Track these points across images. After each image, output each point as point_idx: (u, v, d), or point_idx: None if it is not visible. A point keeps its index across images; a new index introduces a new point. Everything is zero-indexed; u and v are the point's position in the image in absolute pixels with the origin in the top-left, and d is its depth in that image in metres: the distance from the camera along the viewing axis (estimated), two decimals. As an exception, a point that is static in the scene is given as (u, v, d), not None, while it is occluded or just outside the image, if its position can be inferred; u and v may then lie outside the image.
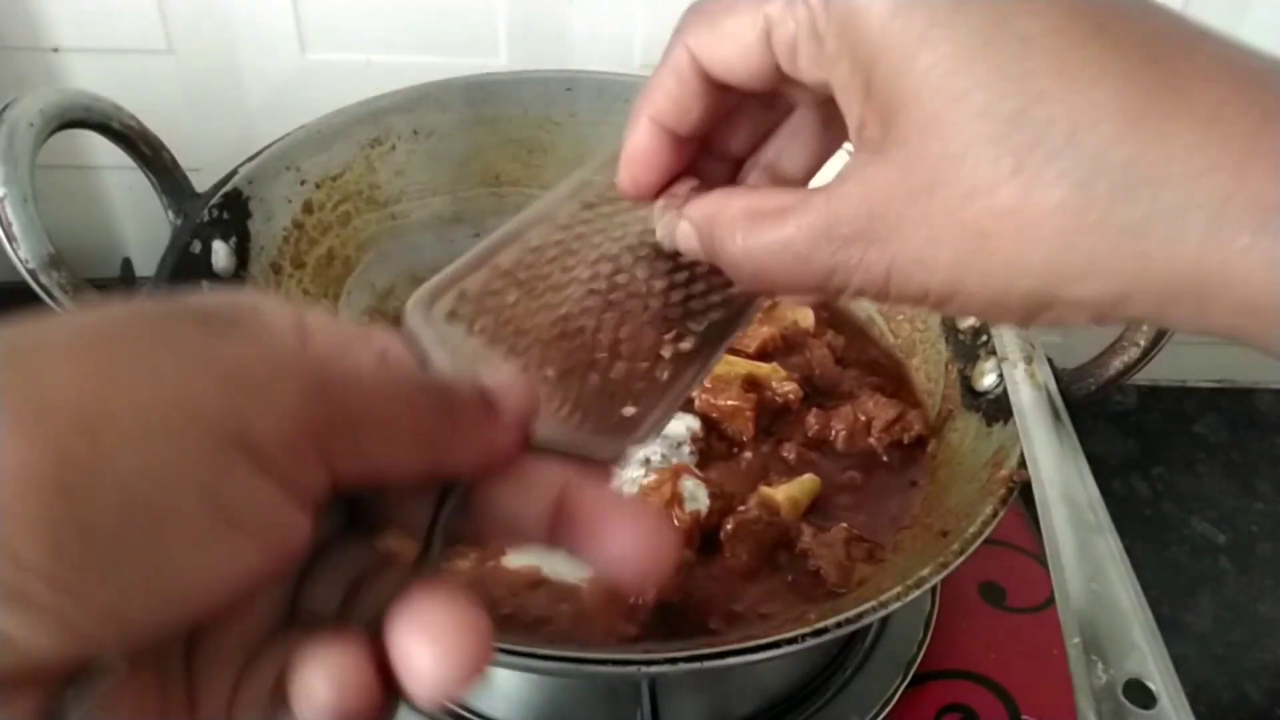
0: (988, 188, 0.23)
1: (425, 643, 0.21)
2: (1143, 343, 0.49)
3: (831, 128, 0.31)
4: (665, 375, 0.29)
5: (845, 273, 0.26)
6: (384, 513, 0.25)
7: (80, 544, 0.19)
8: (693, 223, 0.29)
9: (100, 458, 0.19)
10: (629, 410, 0.28)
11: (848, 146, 0.28)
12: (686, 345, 0.30)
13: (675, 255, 0.31)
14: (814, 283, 0.27)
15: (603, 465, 0.27)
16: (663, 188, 0.31)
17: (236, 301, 0.22)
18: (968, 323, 0.61)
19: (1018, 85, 0.23)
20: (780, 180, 0.32)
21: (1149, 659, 0.36)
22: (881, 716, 0.57)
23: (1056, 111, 0.23)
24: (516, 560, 0.52)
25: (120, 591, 0.19)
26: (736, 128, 0.32)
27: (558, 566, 0.51)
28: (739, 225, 0.28)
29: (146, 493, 0.19)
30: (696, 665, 0.41)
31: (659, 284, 0.31)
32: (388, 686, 0.22)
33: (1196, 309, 0.23)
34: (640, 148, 0.30)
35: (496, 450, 0.24)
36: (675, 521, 0.52)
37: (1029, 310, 0.25)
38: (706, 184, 0.31)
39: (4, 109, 0.49)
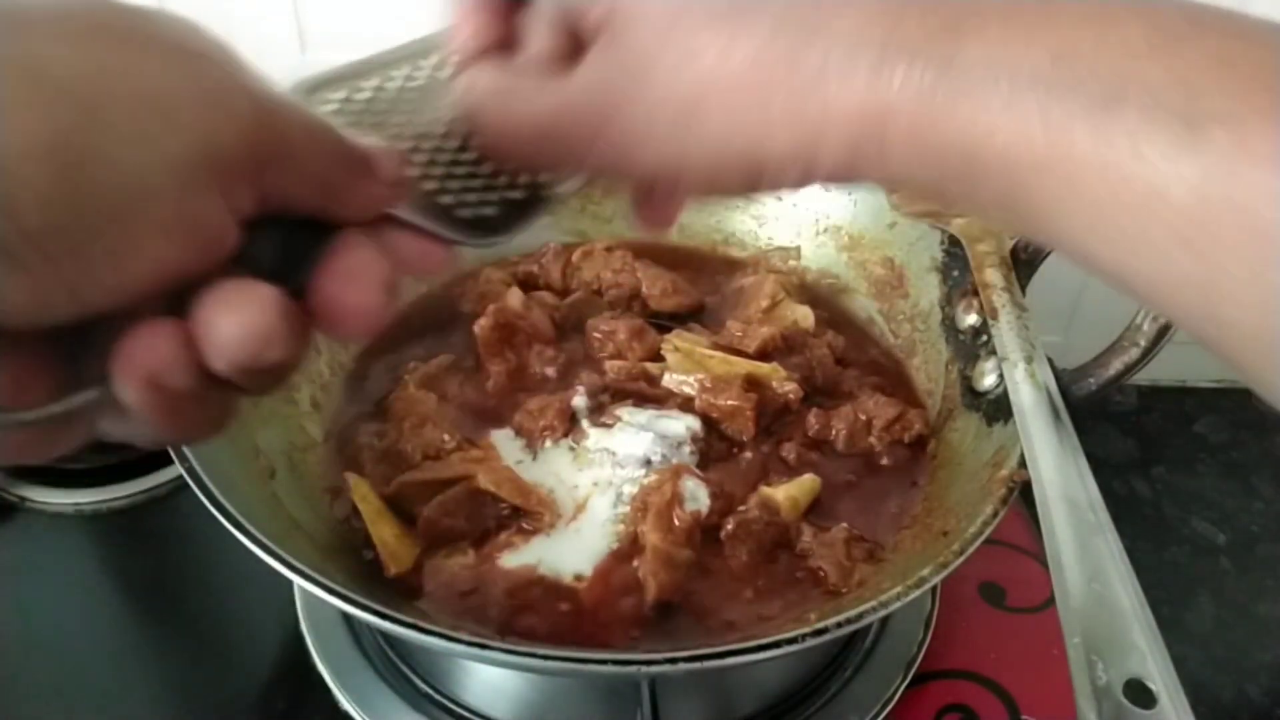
0: (692, 55, 0.27)
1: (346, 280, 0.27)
2: (1143, 343, 0.49)
3: None
4: (492, 212, 0.34)
5: (581, 151, 0.30)
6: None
7: (69, 218, 0.21)
8: (467, 90, 0.33)
9: (95, 143, 0.21)
10: (465, 212, 0.32)
11: None
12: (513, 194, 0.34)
13: None
14: (557, 160, 0.32)
15: (441, 245, 0.31)
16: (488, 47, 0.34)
17: (209, 38, 0.26)
18: (968, 322, 0.61)
19: None
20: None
21: (1149, 659, 0.36)
22: (881, 716, 0.57)
23: None
24: (512, 560, 0.52)
25: (85, 268, 0.22)
26: None
27: (555, 564, 0.52)
28: (497, 99, 0.32)
29: (130, 185, 0.22)
30: (696, 665, 0.41)
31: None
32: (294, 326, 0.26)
33: (878, 152, 0.27)
34: (461, 18, 0.34)
35: (374, 204, 0.29)
36: (676, 521, 0.52)
37: (746, 175, 0.29)
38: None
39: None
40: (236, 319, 0.24)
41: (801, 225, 0.75)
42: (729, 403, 0.59)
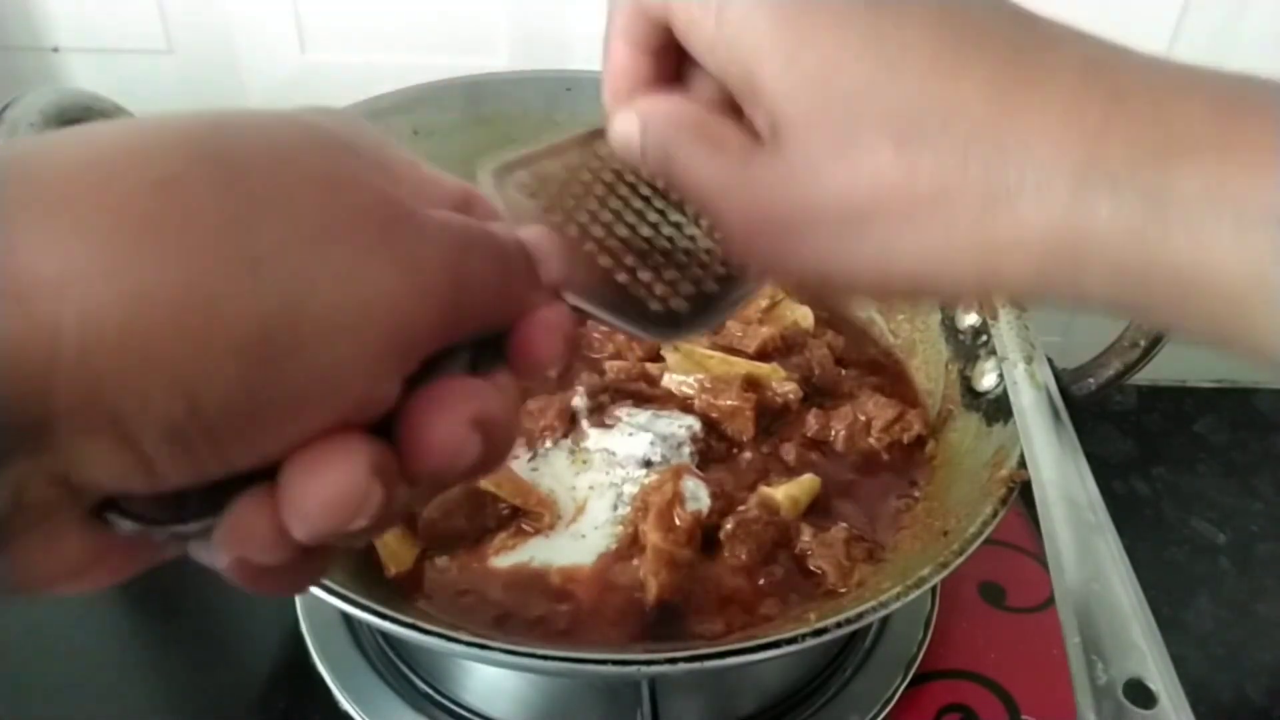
0: (871, 172, 0.25)
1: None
2: (1143, 343, 0.49)
3: None
4: (704, 290, 0.31)
5: (754, 255, 0.29)
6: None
7: (250, 411, 0.20)
8: (639, 116, 0.30)
9: (296, 339, 0.20)
10: (656, 306, 0.30)
11: None
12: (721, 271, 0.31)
13: None
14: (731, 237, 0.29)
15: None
16: None
17: (399, 201, 0.22)
18: (968, 322, 0.61)
19: (896, 84, 0.25)
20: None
21: (1149, 659, 0.36)
22: (881, 716, 0.57)
23: (931, 105, 0.25)
24: (512, 560, 0.52)
25: (249, 449, 0.21)
26: None
27: (547, 556, 0.52)
28: (684, 134, 0.29)
29: (322, 381, 0.21)
30: (696, 665, 0.41)
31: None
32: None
33: (1071, 279, 0.25)
34: (616, 63, 0.31)
35: (531, 308, 0.26)
36: (677, 521, 0.52)
37: (916, 290, 0.27)
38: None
39: (4, 109, 0.49)
40: (321, 484, 0.21)
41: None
42: (728, 403, 0.59)
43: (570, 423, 0.58)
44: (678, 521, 0.52)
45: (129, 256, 0.18)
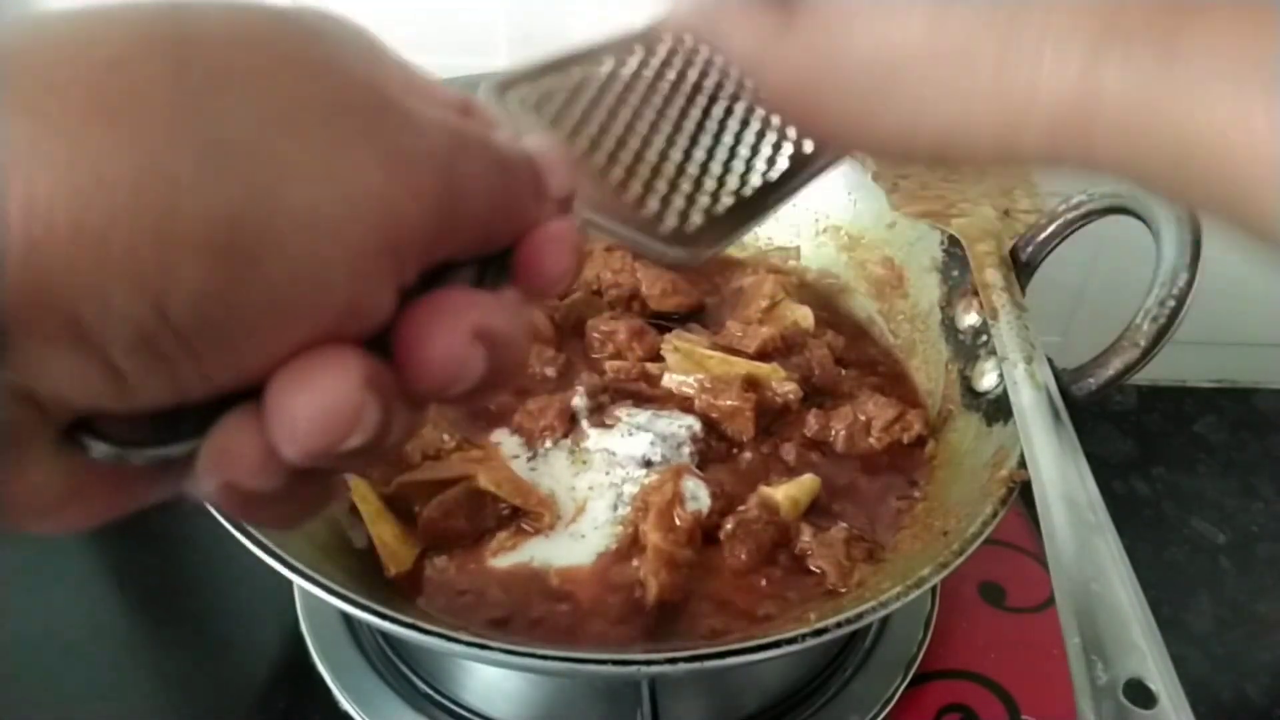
0: (900, 19, 0.27)
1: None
2: (1143, 343, 0.49)
3: None
4: (720, 207, 0.30)
5: (790, 115, 0.31)
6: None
7: (226, 314, 0.18)
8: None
9: (269, 232, 0.18)
10: (672, 222, 0.29)
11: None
12: (746, 188, 0.31)
13: (737, 105, 0.33)
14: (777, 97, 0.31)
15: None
16: None
17: (385, 91, 0.21)
18: (968, 322, 0.61)
19: None
20: None
21: (1149, 659, 0.36)
22: (881, 716, 0.57)
23: None
24: (512, 560, 0.52)
25: (230, 360, 0.19)
26: None
27: (547, 556, 0.52)
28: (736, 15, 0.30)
29: (300, 280, 0.19)
30: (696, 665, 0.41)
31: (719, 126, 0.32)
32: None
33: (1083, 138, 0.26)
34: None
35: (537, 223, 0.24)
36: (677, 521, 0.52)
37: (938, 147, 0.28)
38: None
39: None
40: (310, 398, 0.20)
41: (801, 225, 0.75)
42: (728, 403, 0.59)
43: (570, 423, 0.58)
44: (678, 521, 0.52)
45: (77, 142, 0.17)
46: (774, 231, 0.76)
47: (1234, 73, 0.23)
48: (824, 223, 0.74)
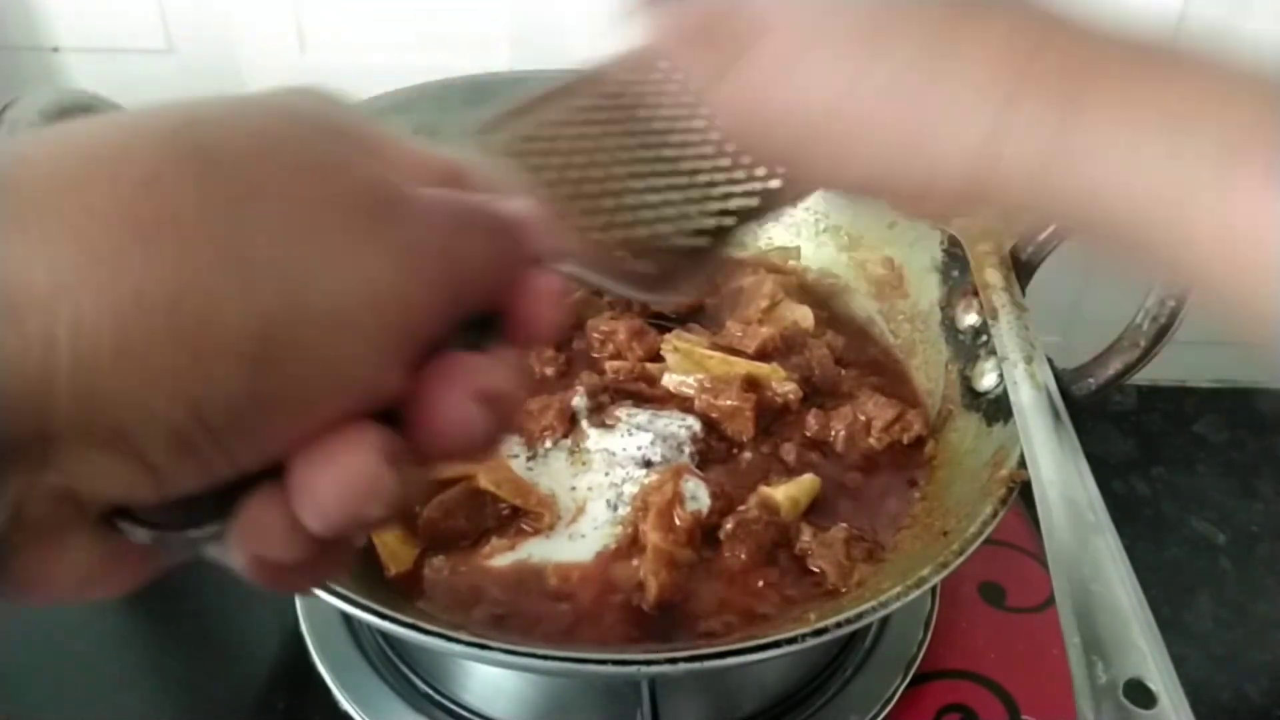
0: (821, 80, 0.29)
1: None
2: (1143, 343, 0.49)
3: None
4: (700, 242, 0.31)
5: (742, 143, 0.32)
6: None
7: (257, 413, 0.20)
8: (650, 24, 0.32)
9: (297, 336, 0.20)
10: (647, 267, 0.30)
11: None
12: (723, 222, 0.32)
13: (708, 142, 0.33)
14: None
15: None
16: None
17: (387, 183, 0.22)
18: (968, 322, 0.61)
19: (861, 10, 0.29)
20: None
21: (1149, 659, 0.36)
22: (881, 716, 0.57)
23: (886, 30, 0.29)
24: (512, 560, 0.52)
25: (257, 449, 0.20)
26: None
27: (547, 556, 0.51)
28: (685, 36, 0.32)
29: (327, 376, 0.20)
30: (696, 665, 0.41)
31: (694, 166, 0.33)
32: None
33: (1000, 187, 0.27)
34: None
35: (517, 277, 0.25)
36: (677, 521, 0.52)
37: (864, 193, 0.31)
38: None
39: (4, 109, 0.49)
40: (335, 476, 0.21)
41: (801, 225, 0.75)
42: (728, 403, 0.59)
43: (570, 423, 0.58)
44: (678, 521, 0.52)
45: (116, 262, 0.18)
46: (774, 231, 0.76)
47: (1130, 122, 0.25)
48: (824, 223, 0.74)
